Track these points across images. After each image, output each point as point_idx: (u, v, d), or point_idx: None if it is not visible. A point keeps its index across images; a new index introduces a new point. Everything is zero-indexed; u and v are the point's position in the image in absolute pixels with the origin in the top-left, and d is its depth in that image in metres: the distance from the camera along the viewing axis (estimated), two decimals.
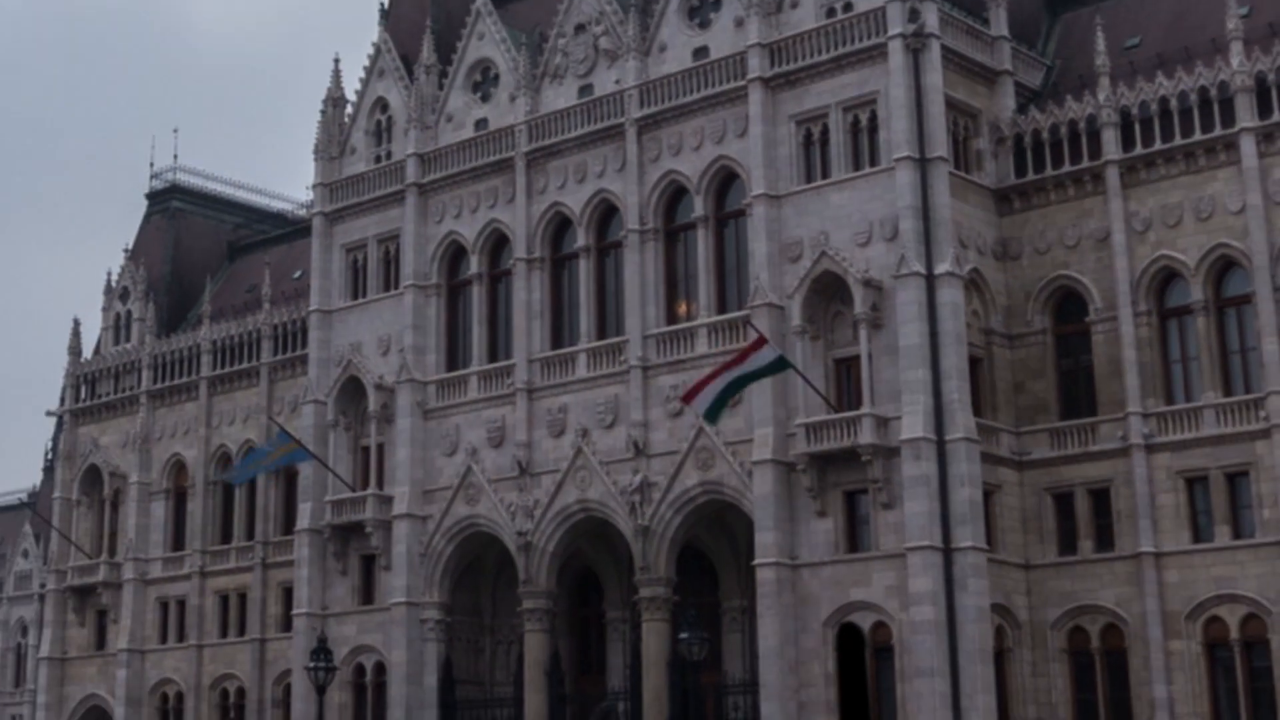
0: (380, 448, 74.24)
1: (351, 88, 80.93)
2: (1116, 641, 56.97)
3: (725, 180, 65.51)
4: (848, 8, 62.74)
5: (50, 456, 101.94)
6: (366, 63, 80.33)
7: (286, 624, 79.10)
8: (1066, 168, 61.16)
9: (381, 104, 79.19)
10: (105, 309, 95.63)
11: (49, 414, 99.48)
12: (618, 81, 69.15)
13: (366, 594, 73.76)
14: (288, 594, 79.80)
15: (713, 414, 58.40)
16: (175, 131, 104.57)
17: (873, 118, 60.99)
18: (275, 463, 75.06)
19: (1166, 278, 58.80)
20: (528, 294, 70.27)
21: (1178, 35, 63.71)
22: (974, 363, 59.51)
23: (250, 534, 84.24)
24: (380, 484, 73.38)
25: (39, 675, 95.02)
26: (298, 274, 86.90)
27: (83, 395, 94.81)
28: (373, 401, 74.01)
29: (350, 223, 78.46)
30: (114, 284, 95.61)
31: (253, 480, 78.48)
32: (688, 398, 58.32)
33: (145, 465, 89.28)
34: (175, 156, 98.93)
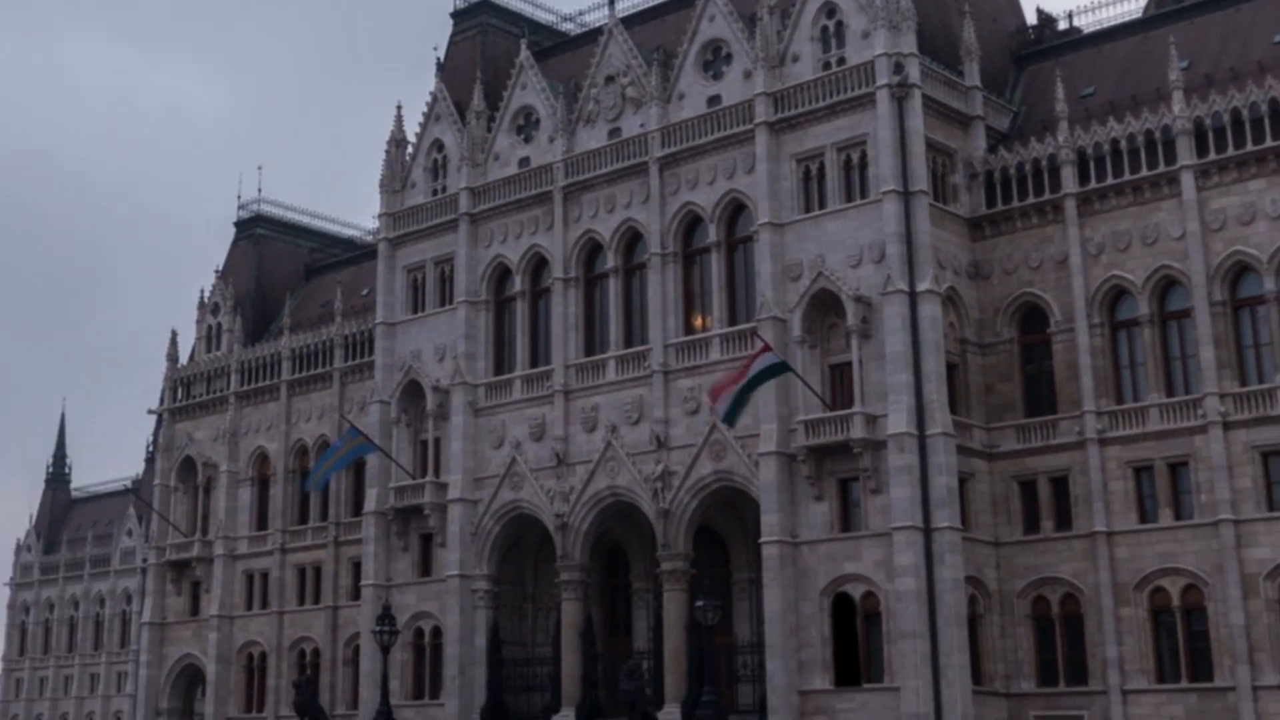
0: (436, 441, 74.35)
1: (411, 130, 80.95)
2: (1074, 608, 57.22)
3: (735, 210, 65.48)
4: (841, 61, 62.76)
5: (151, 449, 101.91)
6: (425, 109, 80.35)
7: (355, 594, 79.22)
8: (1030, 200, 61.37)
9: (438, 144, 78.94)
10: (199, 322, 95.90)
11: (150, 412, 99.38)
12: (642, 125, 69.19)
13: (425, 567, 73.88)
14: (356, 567, 79.95)
15: (730, 417, 58.45)
16: (259, 168, 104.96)
17: (863, 156, 60.98)
18: (345, 459, 74.78)
19: (1117, 294, 58.94)
20: (564, 308, 70.28)
21: (1127, 85, 64.01)
22: (950, 368, 59.55)
23: (324, 516, 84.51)
24: (436, 473, 73.52)
25: (141, 638, 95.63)
26: (365, 291, 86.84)
27: (179, 396, 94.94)
28: (430, 401, 74.17)
29: (411, 247, 78.44)
30: (206, 300, 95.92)
31: (322, 465, 78.23)
32: (713, 397, 58.68)
33: (233, 456, 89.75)
34: (259, 190, 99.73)
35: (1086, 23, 70.30)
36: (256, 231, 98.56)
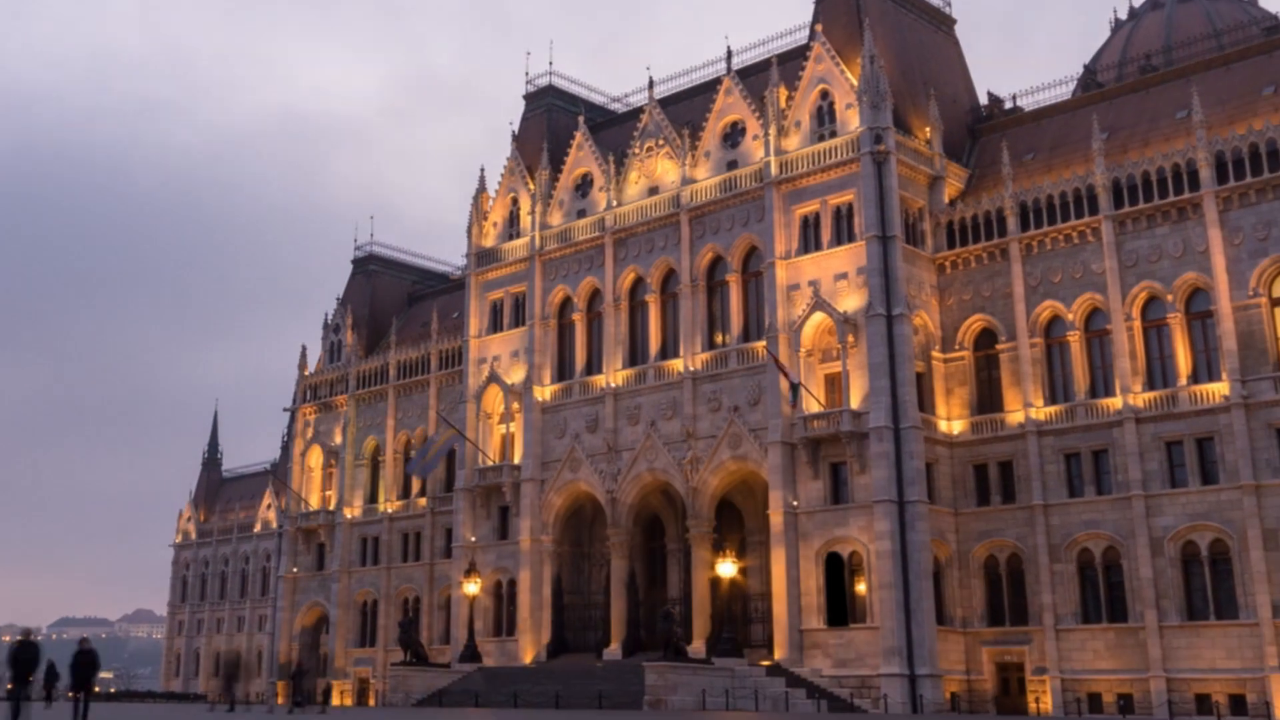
0: (511, 434, 75.03)
1: (491, 187, 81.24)
2: (1017, 564, 57.77)
3: (749, 250, 65.87)
4: (833, 134, 63.32)
5: (285, 438, 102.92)
6: (503, 170, 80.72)
7: (447, 553, 79.64)
8: (983, 243, 61.76)
9: (513, 198, 79.29)
10: (323, 339, 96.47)
11: (285, 410, 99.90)
12: (674, 184, 69.69)
13: (502, 532, 74.07)
14: (448, 532, 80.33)
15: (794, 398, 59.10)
16: (371, 218, 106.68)
17: (850, 208, 61.52)
18: (443, 449, 75.13)
19: (1051, 318, 59.23)
20: (614, 328, 70.69)
21: (1059, 151, 64.09)
22: (919, 375, 60.04)
23: (423, 491, 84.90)
24: (512, 457, 74.16)
25: (278, 588, 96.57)
26: (455, 314, 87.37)
27: (308, 397, 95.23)
28: (505, 400, 75.04)
29: (491, 279, 78.84)
30: (329, 322, 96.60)
31: (424, 455, 78.72)
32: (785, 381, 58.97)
33: (352, 445, 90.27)
34: (371, 235, 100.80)
35: (1027, 103, 70.58)
36: (370, 267, 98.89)
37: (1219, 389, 53.18)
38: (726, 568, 61.11)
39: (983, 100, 73.33)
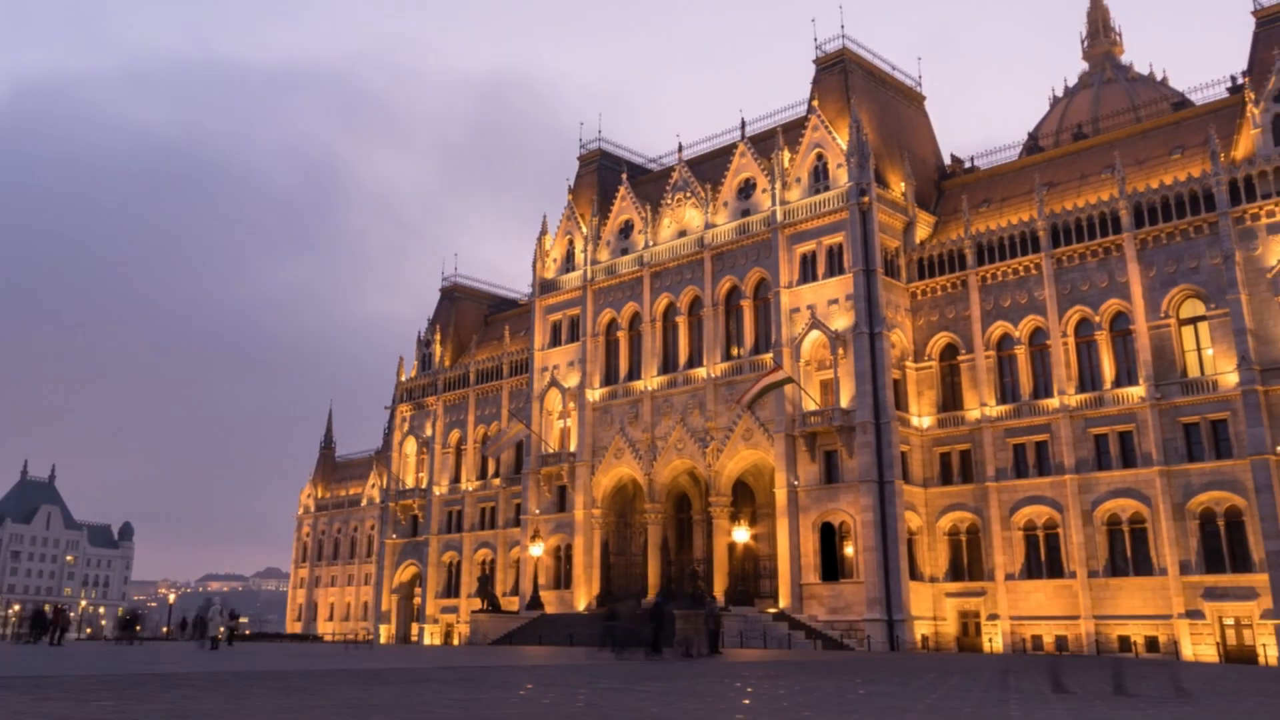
0: (568, 427, 75.00)
1: (552, 228, 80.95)
2: (974, 531, 57.81)
3: (759, 281, 65.90)
4: (827, 188, 63.36)
5: (386, 431, 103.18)
6: (560, 217, 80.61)
7: (516, 522, 79.84)
8: (946, 275, 61.68)
9: (569, 240, 79.12)
10: (417, 352, 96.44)
11: (385, 408, 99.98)
12: (699, 228, 69.82)
13: (561, 505, 74.06)
14: (517, 506, 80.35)
15: (750, 405, 58.91)
16: (455, 255, 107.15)
17: (840, 247, 61.67)
18: (512, 440, 75.85)
19: (1002, 335, 59.14)
20: (650, 343, 70.61)
21: (1008, 202, 64.10)
22: (896, 380, 60.13)
23: (497, 473, 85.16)
24: (568, 446, 74.15)
25: (380, 551, 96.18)
26: (522, 332, 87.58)
27: (404, 398, 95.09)
28: (562, 400, 75.10)
29: (552, 304, 78.67)
30: (421, 338, 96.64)
31: (497, 441, 78.57)
32: (744, 398, 58.58)
33: (440, 436, 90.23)
34: (455, 268, 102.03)
35: (982, 163, 70.64)
36: (455, 295, 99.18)
37: (1137, 392, 53.27)
38: (741, 534, 62.17)
39: (947, 160, 73.40)
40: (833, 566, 58.14)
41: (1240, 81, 57.88)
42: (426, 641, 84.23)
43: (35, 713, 10.91)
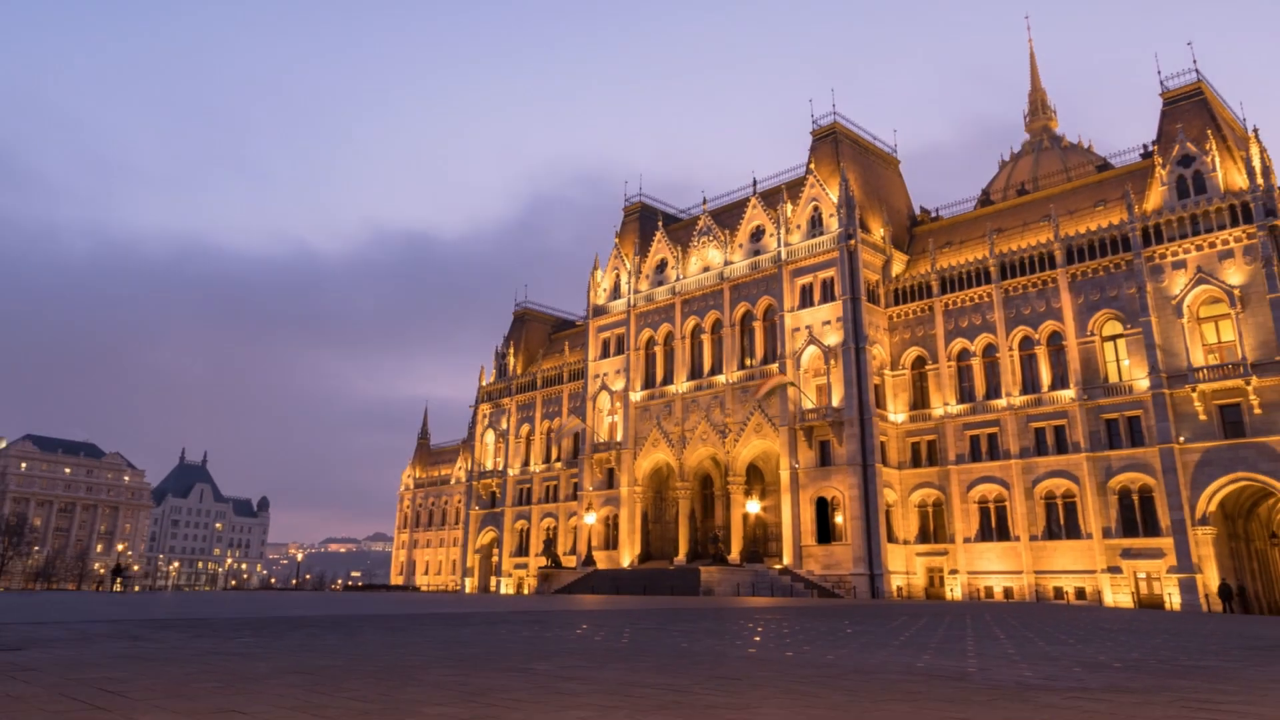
0: (614, 422, 75.07)
1: (602, 265, 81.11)
2: (939, 504, 58.12)
3: (768, 307, 66.50)
4: (821, 233, 63.89)
5: (470, 424, 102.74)
6: (611, 254, 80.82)
7: (574, 497, 79.53)
8: (917, 302, 62.04)
9: (616, 274, 79.32)
10: (495, 362, 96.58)
11: (469, 407, 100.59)
12: (720, 265, 70.31)
13: (610, 483, 74.43)
14: (575, 484, 79.68)
15: (761, 401, 60.47)
16: (525, 285, 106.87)
17: (832, 280, 62.25)
18: (571, 431, 77.80)
19: (961, 349, 59.60)
20: (681, 355, 71.18)
21: (966, 244, 64.38)
22: (876, 385, 60.58)
23: (559, 458, 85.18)
24: (615, 437, 74.33)
25: (466, 520, 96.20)
26: (579, 346, 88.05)
27: (484, 399, 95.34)
28: (610, 400, 75.50)
29: (603, 324, 79.00)
30: (498, 351, 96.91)
31: (559, 430, 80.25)
32: (757, 391, 59.58)
33: (513, 429, 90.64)
34: (526, 296, 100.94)
35: (946, 213, 70.80)
36: (525, 318, 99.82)
37: (1068, 394, 53.99)
38: (753, 506, 63.13)
39: (917, 210, 73.51)
40: (826, 532, 58.78)
41: (1151, 149, 59.09)
42: (503, 591, 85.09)
43: (191, 647, 11.10)
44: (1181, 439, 49.25)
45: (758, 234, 69.52)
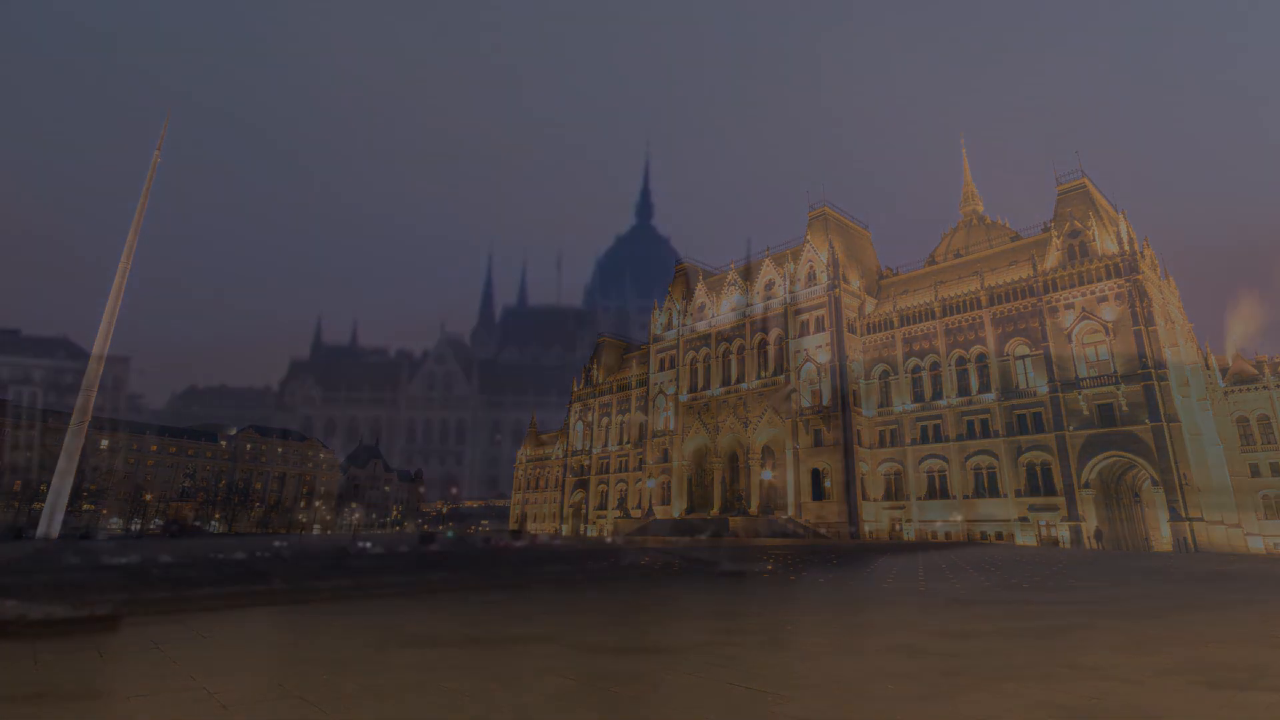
0: (668, 416, 75.77)
1: (660, 306, 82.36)
2: (899, 473, 59.10)
3: (779, 335, 67.76)
4: (815, 284, 65.62)
5: (566, 417, 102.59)
6: (665, 299, 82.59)
7: (640, 468, 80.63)
8: (883, 332, 63.20)
9: (670, 313, 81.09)
10: (583, 375, 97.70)
11: (566, 404, 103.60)
12: (743, 307, 71.98)
13: (665, 459, 74.25)
14: (640, 459, 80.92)
15: (777, 403, 62.00)
16: (601, 333, 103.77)
17: (823, 317, 64.07)
18: (639, 422, 79.46)
19: (914, 364, 60.35)
20: (716, 369, 72.72)
21: (918, 292, 64.53)
22: (855, 390, 61.79)
23: (629, 440, 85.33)
24: (669, 426, 75.20)
25: (563, 486, 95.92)
26: (644, 364, 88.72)
27: (577, 400, 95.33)
28: (665, 401, 76.36)
29: (660, 348, 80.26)
30: (586, 366, 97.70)
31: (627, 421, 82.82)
32: (772, 401, 61.60)
33: (597, 420, 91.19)
34: (601, 330, 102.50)
35: (904, 270, 71.23)
36: (602, 344, 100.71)
37: (990, 397, 55.40)
38: (766, 474, 64.69)
39: (884, 268, 74.46)
40: (819, 492, 60.11)
41: (1049, 225, 60.76)
42: (591, 534, 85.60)
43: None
44: (1071, 428, 50.75)
45: (770, 285, 71.71)
